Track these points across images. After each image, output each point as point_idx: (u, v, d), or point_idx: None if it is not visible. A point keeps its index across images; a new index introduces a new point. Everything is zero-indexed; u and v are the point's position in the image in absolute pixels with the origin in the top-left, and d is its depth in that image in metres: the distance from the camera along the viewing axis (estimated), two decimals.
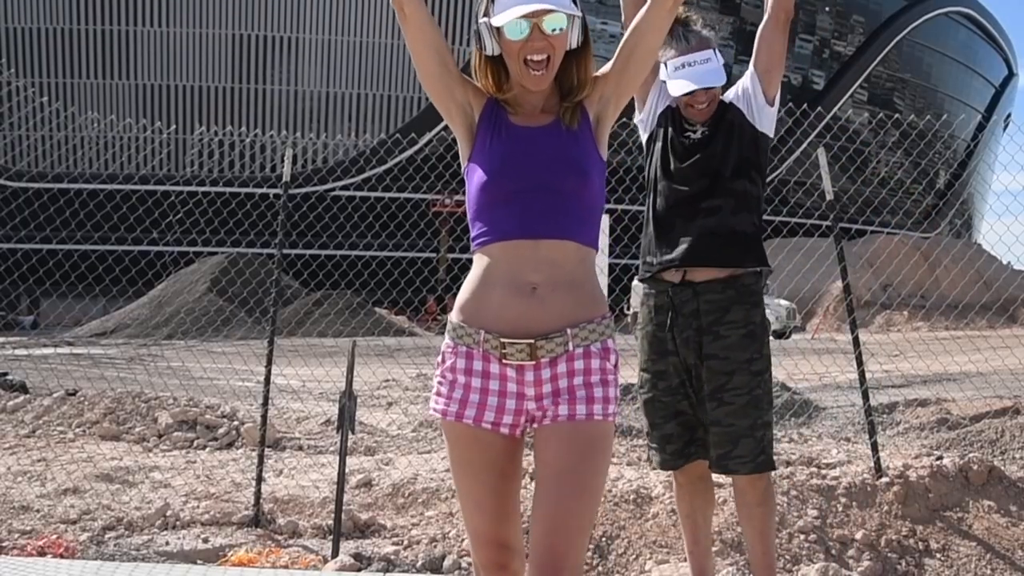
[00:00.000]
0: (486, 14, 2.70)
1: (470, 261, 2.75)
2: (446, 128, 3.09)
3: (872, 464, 5.63)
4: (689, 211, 3.90)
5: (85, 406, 9.14)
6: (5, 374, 11.39)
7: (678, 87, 3.92)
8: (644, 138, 4.18)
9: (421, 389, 13.77)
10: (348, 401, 5.48)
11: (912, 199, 62.92)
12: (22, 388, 10.79)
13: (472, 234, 2.72)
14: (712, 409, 3.81)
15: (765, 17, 4.02)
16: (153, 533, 5.67)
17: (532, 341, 2.54)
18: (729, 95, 4.08)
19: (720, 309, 3.83)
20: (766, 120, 4.01)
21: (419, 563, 5.21)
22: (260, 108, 56.41)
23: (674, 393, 3.92)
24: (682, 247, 3.86)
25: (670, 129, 4.04)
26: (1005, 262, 22.90)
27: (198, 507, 6.00)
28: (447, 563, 5.18)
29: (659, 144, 4.05)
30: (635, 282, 5.31)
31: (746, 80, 4.04)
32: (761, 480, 3.87)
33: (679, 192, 3.94)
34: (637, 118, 4.20)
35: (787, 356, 12.95)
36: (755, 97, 4.00)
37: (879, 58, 64.35)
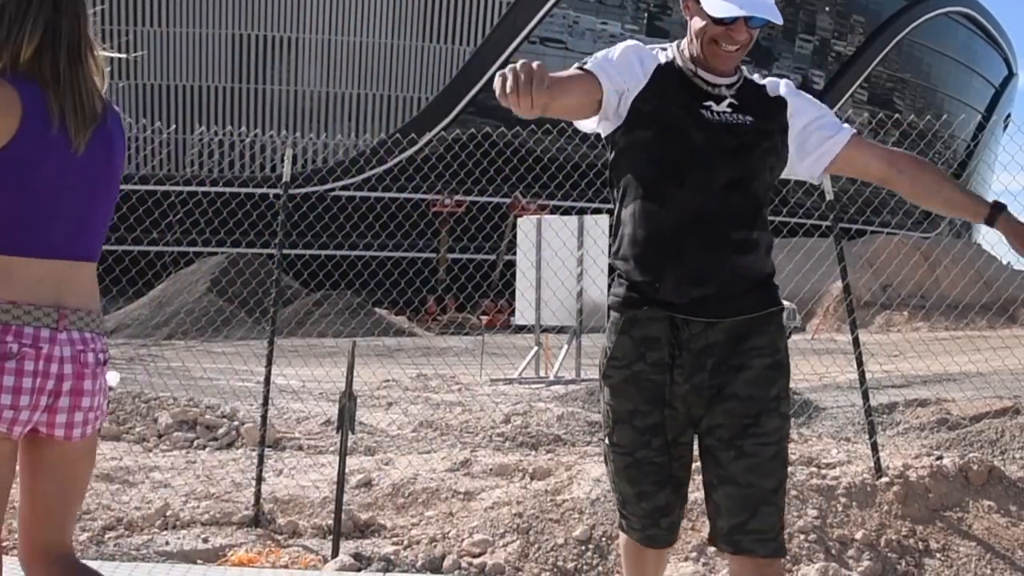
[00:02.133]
0: None
1: (470, 261, 2.74)
2: (446, 128, 3.07)
3: (872, 464, 5.63)
4: (712, 236, 2.80)
5: None
6: None
7: (720, 7, 2.82)
8: (607, 129, 2.95)
9: (421, 389, 13.78)
10: (348, 401, 5.48)
11: None
12: None
13: None
14: (728, 461, 2.83)
15: (888, 165, 3.01)
16: (153, 533, 5.67)
17: None
18: (793, 108, 3.00)
19: (739, 336, 2.85)
20: (793, 170, 3.07)
21: (419, 563, 5.21)
22: (260, 108, 56.44)
23: (668, 451, 2.92)
24: (703, 289, 2.80)
25: (676, 96, 2.86)
26: (1005, 262, 22.90)
27: (198, 507, 6.00)
28: (447, 563, 5.18)
29: (655, 126, 2.84)
30: None
31: (820, 129, 2.99)
32: (772, 567, 2.87)
33: (700, 204, 2.80)
34: (594, 121, 2.95)
35: None
36: (806, 152, 3.01)
37: (879, 58, 64.37)
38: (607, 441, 3.00)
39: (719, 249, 2.81)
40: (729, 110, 2.87)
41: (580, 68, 2.87)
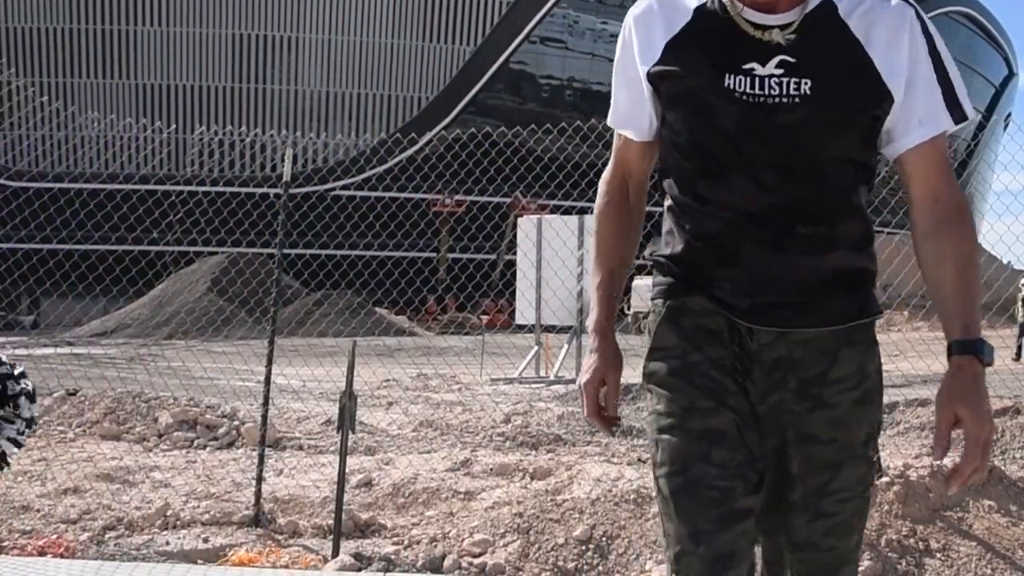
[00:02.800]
0: None
1: (470, 261, 2.71)
2: (446, 128, 3.02)
3: None
4: (772, 235, 2.07)
5: (85, 406, 9.14)
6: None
7: None
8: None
9: (421, 389, 13.77)
10: (348, 401, 5.48)
11: None
12: None
13: None
14: (802, 524, 2.18)
15: (915, 210, 2.20)
16: (153, 533, 5.67)
17: None
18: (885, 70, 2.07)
19: (824, 356, 2.12)
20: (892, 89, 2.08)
21: (419, 563, 5.21)
22: (260, 108, 56.44)
23: (738, 476, 2.08)
24: (766, 296, 2.09)
25: (704, 57, 2.09)
26: (1005, 262, 22.84)
27: (198, 507, 6.00)
28: (447, 563, 5.18)
29: (679, 107, 2.12)
30: (636, 281, 5.08)
31: (908, 113, 2.10)
32: None
33: (750, 201, 2.07)
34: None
35: None
36: (889, 137, 2.15)
37: None
38: (654, 467, 2.16)
39: (782, 249, 2.07)
40: (779, 72, 2.03)
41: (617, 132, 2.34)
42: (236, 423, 8.62)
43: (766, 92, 2.04)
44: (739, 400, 2.10)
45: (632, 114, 2.26)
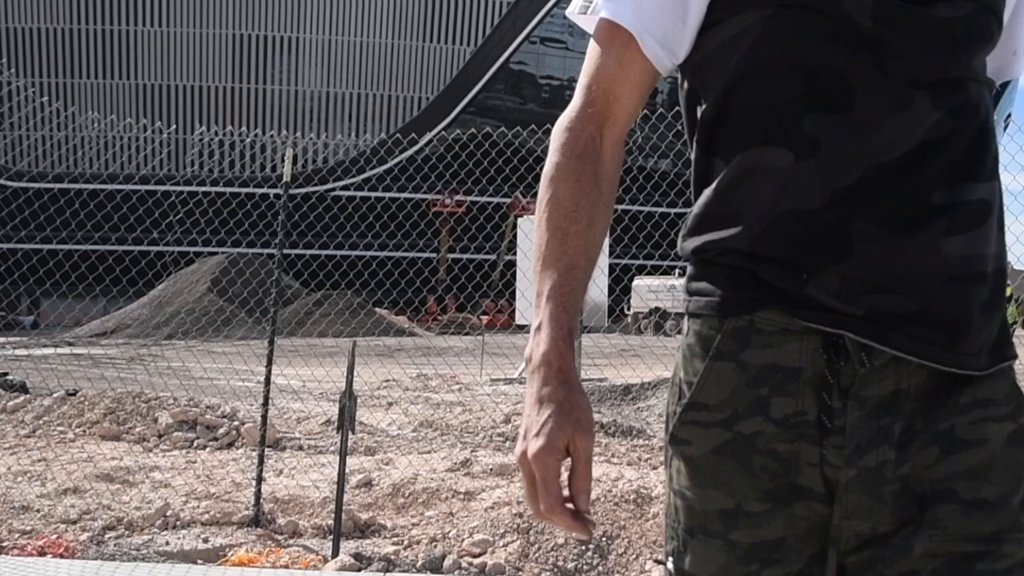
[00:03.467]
0: None
1: (470, 261, 2.67)
2: (446, 128, 3.01)
3: None
4: (901, 203, 1.35)
5: (85, 406, 9.15)
6: (5, 374, 11.40)
7: None
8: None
9: (421, 389, 13.78)
10: (348, 401, 5.48)
11: None
12: (22, 388, 10.81)
13: None
14: None
15: None
16: (153, 533, 5.67)
17: None
18: None
19: (949, 377, 1.37)
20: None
21: (419, 563, 5.21)
22: (260, 108, 56.50)
23: None
24: (892, 300, 1.34)
25: None
26: None
27: (198, 507, 6.00)
28: (447, 563, 5.18)
29: (770, 5, 1.37)
30: (636, 281, 5.04)
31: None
32: None
33: (879, 143, 1.34)
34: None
35: None
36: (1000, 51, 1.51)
37: None
38: (670, 567, 1.49)
39: (918, 228, 1.35)
40: None
41: (608, 24, 1.46)
42: (236, 423, 8.62)
43: None
44: (816, 474, 1.38)
45: (661, 15, 1.44)
